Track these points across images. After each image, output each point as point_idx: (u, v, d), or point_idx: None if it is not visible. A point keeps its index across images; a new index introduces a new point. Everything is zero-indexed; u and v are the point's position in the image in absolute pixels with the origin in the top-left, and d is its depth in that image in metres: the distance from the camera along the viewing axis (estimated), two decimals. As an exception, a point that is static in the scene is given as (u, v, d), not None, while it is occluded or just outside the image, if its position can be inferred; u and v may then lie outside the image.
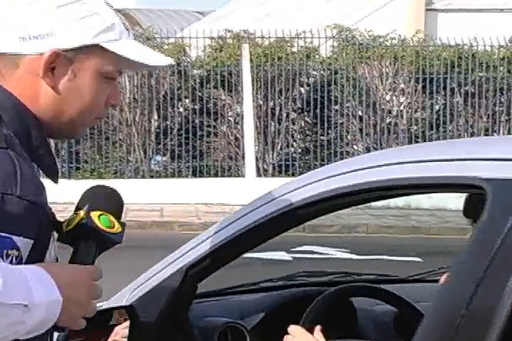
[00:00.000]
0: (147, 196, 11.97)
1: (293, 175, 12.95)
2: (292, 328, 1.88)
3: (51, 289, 1.22)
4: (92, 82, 1.39)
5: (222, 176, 12.92)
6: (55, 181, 1.40)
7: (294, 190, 1.96)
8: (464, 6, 17.02)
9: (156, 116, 13.20)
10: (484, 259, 1.46)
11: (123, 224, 1.40)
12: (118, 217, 1.41)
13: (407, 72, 13.29)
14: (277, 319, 2.36)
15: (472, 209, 1.78)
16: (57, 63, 1.34)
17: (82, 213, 1.36)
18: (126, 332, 2.10)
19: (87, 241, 1.37)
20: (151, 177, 12.97)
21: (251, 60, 12.77)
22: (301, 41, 13.55)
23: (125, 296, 2.25)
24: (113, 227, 1.37)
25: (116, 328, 2.14)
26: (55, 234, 1.40)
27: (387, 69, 13.26)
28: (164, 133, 13.08)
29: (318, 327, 1.90)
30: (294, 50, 13.61)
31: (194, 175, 13.08)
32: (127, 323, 2.13)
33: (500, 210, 1.53)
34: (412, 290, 2.66)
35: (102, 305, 2.21)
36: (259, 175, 12.54)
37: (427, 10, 17.07)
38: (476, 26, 14.07)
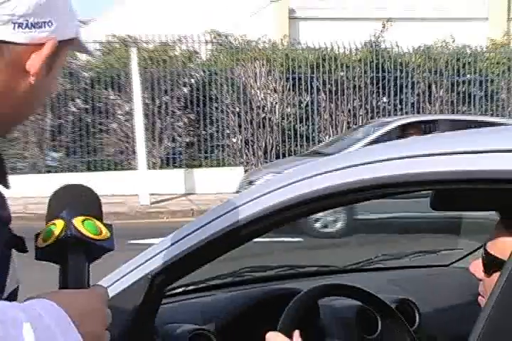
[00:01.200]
0: (45, 190, 12.71)
1: (180, 166, 14.28)
2: (270, 335, 1.76)
3: (71, 333, 1.01)
4: (56, 79, 1.23)
5: (116, 170, 13.97)
6: (6, 186, 1.14)
7: (263, 195, 1.76)
8: (322, 15, 18.56)
9: (50, 115, 14.01)
10: None
11: (110, 227, 1.16)
12: (101, 219, 1.16)
13: (278, 72, 14.68)
14: (244, 321, 2.24)
15: (440, 202, 1.74)
16: (49, 57, 1.14)
17: (61, 222, 1.11)
18: None
19: (74, 255, 1.12)
20: (48, 172, 13.80)
21: (138, 63, 13.65)
22: (183, 45, 14.77)
23: None
24: (101, 233, 1.14)
25: None
26: (15, 253, 1.13)
27: (260, 70, 14.60)
28: (59, 131, 13.99)
29: (296, 332, 1.79)
30: (177, 53, 14.79)
31: (89, 169, 14.00)
32: None
33: None
34: (355, 280, 2.52)
35: None
36: (149, 167, 13.51)
37: (290, 18, 18.67)
38: (334, 33, 15.45)
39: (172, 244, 1.87)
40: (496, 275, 1.47)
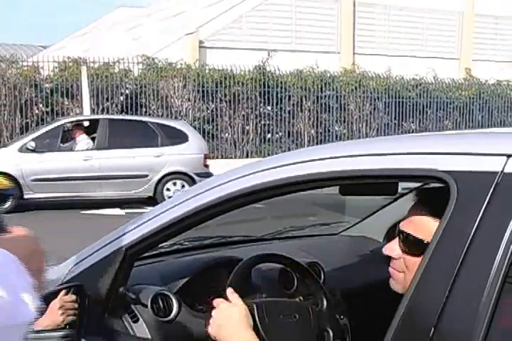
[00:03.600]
0: None
1: None
2: (216, 301, 1.91)
3: (22, 273, 1.06)
4: None
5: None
6: None
7: (235, 179, 1.97)
8: (224, 46, 22.32)
9: (19, 116, 17.49)
10: (456, 251, 1.41)
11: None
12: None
13: (191, 86, 18.54)
14: (195, 282, 2.46)
15: (348, 189, 2.07)
16: None
17: None
18: (62, 303, 2.08)
19: None
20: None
21: (87, 77, 17.26)
22: (120, 65, 18.66)
23: (64, 271, 2.24)
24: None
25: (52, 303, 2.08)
26: None
27: (178, 85, 18.47)
28: (26, 129, 17.08)
29: (229, 290, 1.94)
30: (116, 70, 18.61)
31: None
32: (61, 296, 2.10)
33: (466, 202, 1.46)
34: (273, 247, 2.89)
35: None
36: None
37: (200, 47, 22.52)
38: (233, 58, 19.32)
39: (143, 222, 2.10)
40: (413, 251, 1.66)
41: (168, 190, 13.08)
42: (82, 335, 2.12)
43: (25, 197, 12.56)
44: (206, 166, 13.54)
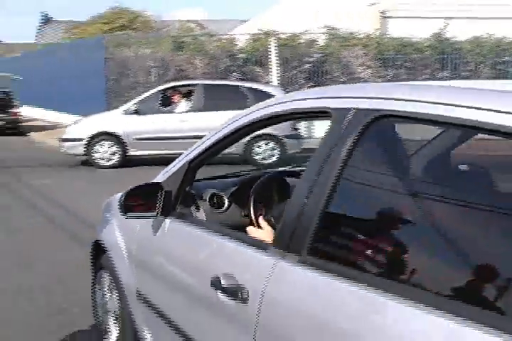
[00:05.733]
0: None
1: None
2: (249, 228, 2.74)
3: None
4: None
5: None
6: None
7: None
8: (403, 15, 22.62)
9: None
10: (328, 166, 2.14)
11: None
12: None
13: (372, 54, 19.69)
14: (242, 191, 3.54)
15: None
16: None
17: None
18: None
19: None
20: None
21: (275, 48, 18.76)
22: (306, 36, 20.11)
23: (159, 178, 3.37)
24: None
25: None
26: None
27: (359, 53, 19.64)
28: None
29: (261, 217, 2.80)
30: (302, 41, 20.16)
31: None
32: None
33: (340, 131, 2.18)
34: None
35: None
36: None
37: (381, 17, 23.38)
38: (411, 27, 19.61)
39: (199, 145, 3.14)
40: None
41: (259, 147, 14.17)
42: (165, 215, 3.14)
43: (129, 154, 14.08)
44: (295, 129, 14.43)
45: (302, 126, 16.31)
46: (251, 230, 2.74)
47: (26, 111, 25.25)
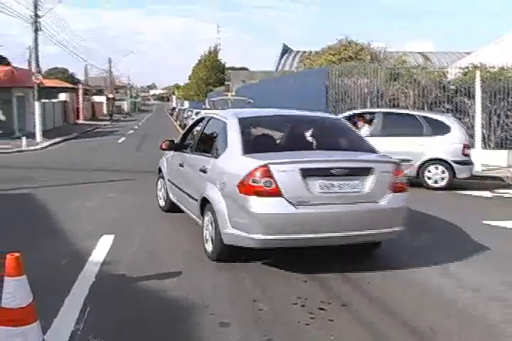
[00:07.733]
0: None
1: (505, 148, 20.38)
2: None
3: None
4: None
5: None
6: None
7: None
8: None
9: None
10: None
11: None
12: None
13: None
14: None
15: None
16: None
17: None
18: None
19: None
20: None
21: (481, 80, 19.83)
22: None
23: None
24: None
25: None
26: None
27: None
28: None
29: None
30: (510, 74, 21.14)
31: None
32: None
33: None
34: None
35: None
36: (484, 147, 19.84)
37: None
38: None
39: (183, 132, 11.45)
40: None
41: (429, 171, 15.23)
42: (174, 150, 10.38)
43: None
44: (466, 155, 15.24)
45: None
46: None
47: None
